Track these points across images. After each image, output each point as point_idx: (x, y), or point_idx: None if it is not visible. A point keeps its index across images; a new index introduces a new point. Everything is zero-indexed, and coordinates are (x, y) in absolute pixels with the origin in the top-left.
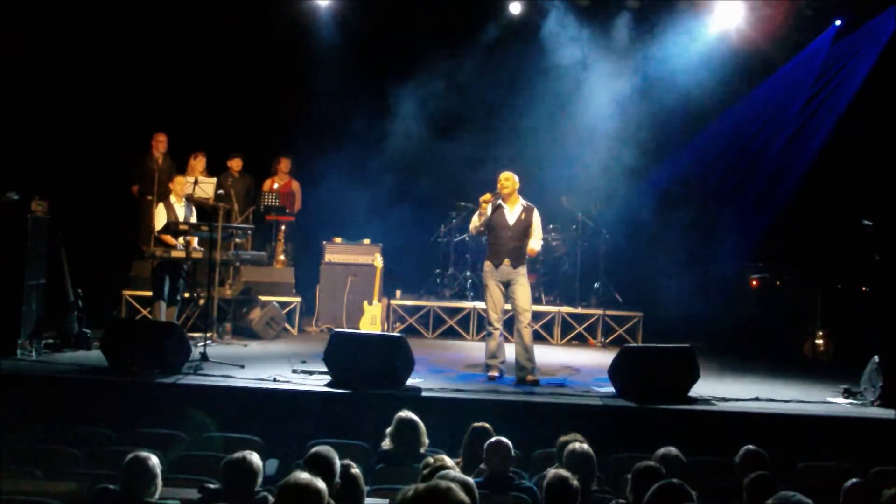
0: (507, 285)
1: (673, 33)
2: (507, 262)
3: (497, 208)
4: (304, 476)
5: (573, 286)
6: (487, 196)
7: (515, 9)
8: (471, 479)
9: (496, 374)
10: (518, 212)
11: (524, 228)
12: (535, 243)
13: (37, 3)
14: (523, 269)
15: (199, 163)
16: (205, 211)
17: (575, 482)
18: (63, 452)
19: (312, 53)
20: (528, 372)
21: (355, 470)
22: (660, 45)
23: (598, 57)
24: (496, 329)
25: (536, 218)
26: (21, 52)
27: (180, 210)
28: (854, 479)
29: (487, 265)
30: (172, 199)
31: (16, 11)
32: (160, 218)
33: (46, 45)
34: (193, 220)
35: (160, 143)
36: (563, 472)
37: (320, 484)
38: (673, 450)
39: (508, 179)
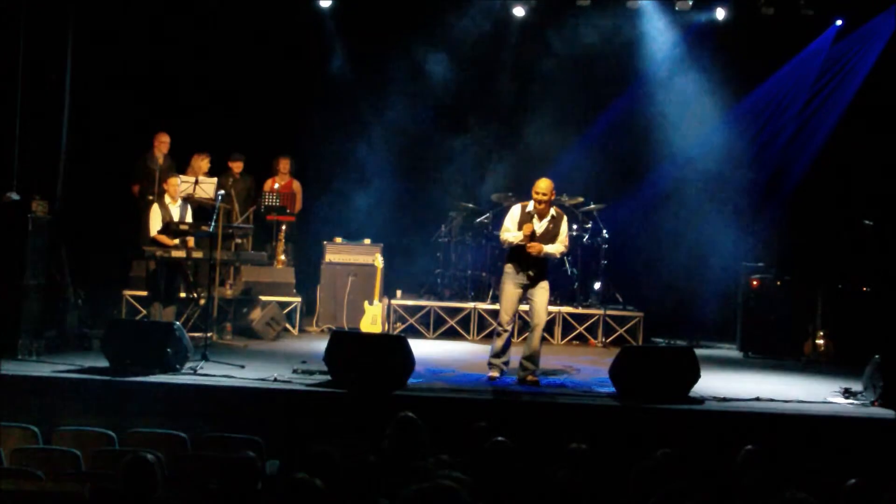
0: (526, 288)
1: (674, 33)
2: (529, 271)
3: (525, 215)
4: (304, 476)
5: (573, 286)
6: (529, 228)
7: (519, 11)
8: (470, 480)
9: (496, 374)
10: (546, 222)
11: (551, 238)
12: (553, 247)
13: (37, 2)
14: (544, 275)
15: (203, 163)
16: (205, 210)
17: (575, 482)
18: (63, 452)
19: (314, 54)
20: (530, 373)
21: (363, 469)
22: (661, 45)
23: (600, 56)
24: (505, 331)
25: (564, 227)
26: (22, 52)
27: (175, 210)
28: (854, 479)
29: (509, 268)
30: (167, 199)
31: (16, 10)
32: (154, 219)
33: (47, 45)
34: (189, 219)
35: (163, 144)
36: (565, 472)
37: (320, 484)
38: (673, 450)
39: (546, 193)
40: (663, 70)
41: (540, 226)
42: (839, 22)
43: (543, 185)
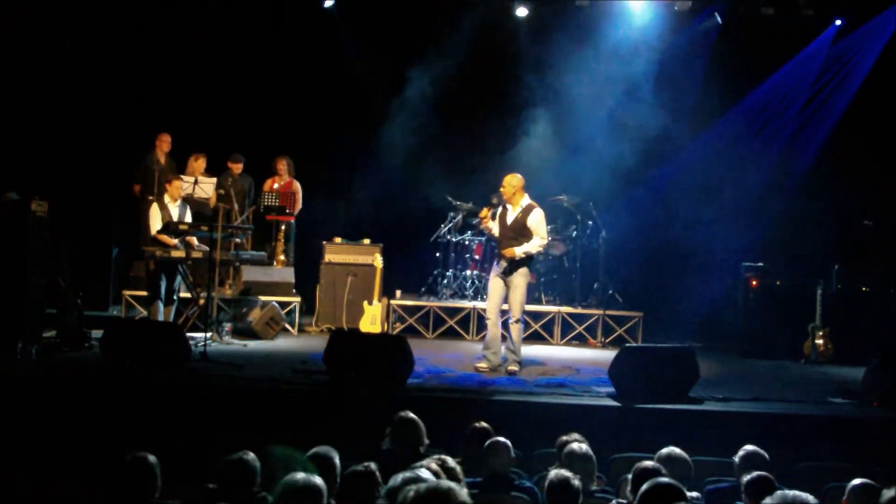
0: (504, 280)
1: (673, 33)
2: (503, 261)
3: (502, 209)
4: (303, 476)
5: (573, 286)
6: (484, 212)
7: (522, 12)
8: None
9: (482, 365)
10: (517, 212)
11: (520, 229)
12: (529, 245)
13: (39, 2)
14: (519, 269)
15: (199, 164)
16: (202, 214)
17: (576, 482)
18: (63, 452)
19: (314, 53)
20: (511, 363)
21: (377, 474)
22: (660, 45)
23: (600, 56)
24: (488, 320)
25: (533, 218)
26: (22, 52)
27: (174, 210)
28: (858, 480)
29: (495, 261)
30: (166, 199)
31: (18, 10)
32: (155, 219)
33: (48, 45)
34: (188, 219)
35: (164, 143)
36: (565, 472)
37: (320, 483)
38: (677, 450)
39: (506, 185)
40: (663, 70)
41: (511, 215)
42: (839, 22)
43: (505, 178)
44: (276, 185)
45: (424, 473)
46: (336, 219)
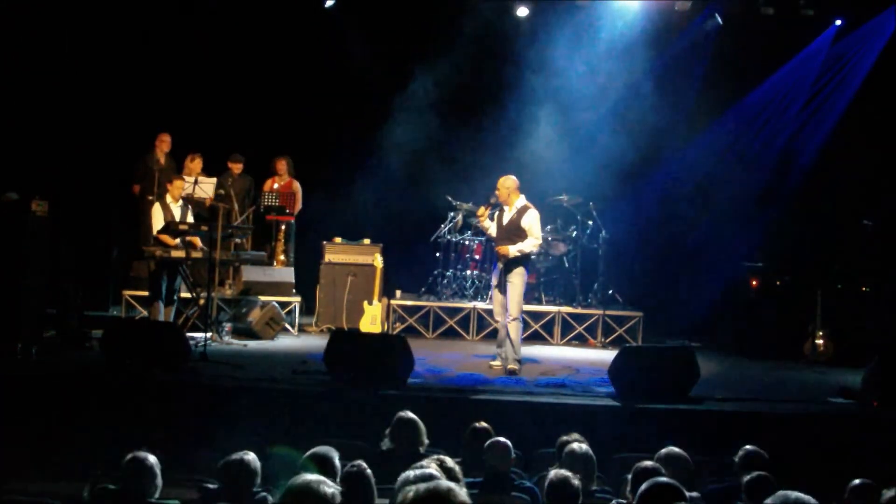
0: (501, 281)
1: (673, 33)
2: (499, 263)
3: (499, 210)
4: (311, 477)
5: (573, 286)
6: (481, 210)
7: (522, 11)
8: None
9: (498, 364)
10: (512, 213)
11: (514, 230)
12: (524, 244)
13: (38, 2)
14: (516, 269)
15: (195, 164)
16: (202, 214)
17: (576, 482)
18: (63, 452)
19: (314, 53)
20: (510, 362)
21: (368, 471)
22: (660, 45)
23: (601, 56)
24: (497, 322)
25: (527, 219)
26: (22, 52)
27: (176, 210)
28: (858, 480)
29: (495, 263)
30: (168, 199)
31: (18, 10)
32: (157, 219)
33: (47, 45)
34: (190, 219)
35: (164, 143)
36: (565, 472)
37: (328, 488)
38: (676, 450)
39: (500, 187)
40: (663, 69)
41: (507, 216)
42: (839, 22)
43: (499, 180)
44: (276, 185)
45: (434, 472)
46: (336, 219)
